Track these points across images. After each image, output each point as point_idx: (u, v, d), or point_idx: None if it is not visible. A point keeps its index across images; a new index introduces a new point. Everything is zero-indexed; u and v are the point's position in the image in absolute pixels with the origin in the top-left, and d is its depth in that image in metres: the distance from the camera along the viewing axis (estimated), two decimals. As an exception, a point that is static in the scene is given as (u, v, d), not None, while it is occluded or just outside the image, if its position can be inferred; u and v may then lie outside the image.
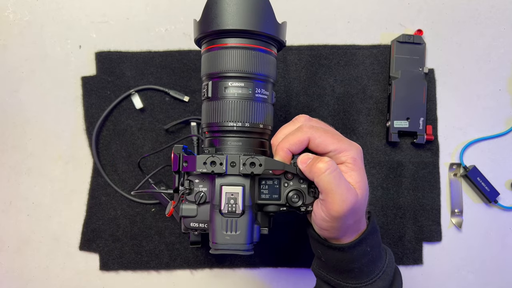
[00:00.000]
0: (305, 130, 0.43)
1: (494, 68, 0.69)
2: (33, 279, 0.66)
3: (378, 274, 0.46)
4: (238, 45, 0.45)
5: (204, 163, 0.42)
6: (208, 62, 0.46)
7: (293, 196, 0.44)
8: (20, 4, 0.68)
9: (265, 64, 0.46)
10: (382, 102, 0.68)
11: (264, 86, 0.46)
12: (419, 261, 0.67)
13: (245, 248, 0.43)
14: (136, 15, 0.68)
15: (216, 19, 0.44)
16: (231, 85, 0.45)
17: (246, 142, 0.45)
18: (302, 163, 0.43)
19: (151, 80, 0.67)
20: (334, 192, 0.40)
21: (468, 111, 0.69)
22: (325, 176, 0.40)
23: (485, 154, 0.68)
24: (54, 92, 0.67)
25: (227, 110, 0.45)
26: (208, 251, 0.65)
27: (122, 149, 0.66)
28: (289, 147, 0.43)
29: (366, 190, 0.43)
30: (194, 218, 0.44)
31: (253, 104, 0.45)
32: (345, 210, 0.40)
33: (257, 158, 0.42)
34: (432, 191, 0.67)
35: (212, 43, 0.46)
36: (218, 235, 0.43)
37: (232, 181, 0.43)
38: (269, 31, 0.45)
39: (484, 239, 0.68)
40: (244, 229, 0.43)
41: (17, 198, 0.66)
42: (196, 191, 0.44)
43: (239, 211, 0.43)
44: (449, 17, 0.69)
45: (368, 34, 0.68)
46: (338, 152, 0.42)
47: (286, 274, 0.67)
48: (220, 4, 0.44)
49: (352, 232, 0.45)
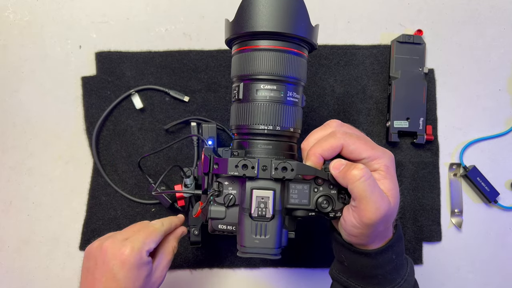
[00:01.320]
0: (339, 136, 0.42)
1: (494, 68, 0.69)
2: (33, 279, 0.66)
3: (400, 282, 0.46)
4: (270, 47, 0.44)
5: (236, 166, 0.42)
6: (240, 64, 0.45)
7: (322, 202, 0.44)
8: (20, 4, 0.68)
9: (297, 67, 0.45)
10: (382, 102, 0.68)
11: (295, 89, 0.46)
12: (419, 261, 0.67)
13: (274, 253, 0.43)
14: (136, 15, 0.68)
15: (250, 20, 0.43)
16: (263, 88, 0.44)
17: (276, 145, 0.45)
18: (335, 169, 0.42)
19: (151, 80, 0.67)
20: (368, 199, 0.40)
21: (468, 111, 0.69)
22: (360, 183, 0.40)
23: (485, 154, 0.68)
24: (54, 92, 0.67)
25: (258, 112, 0.44)
26: (208, 251, 0.65)
27: (122, 149, 0.66)
28: (321, 152, 0.42)
29: (397, 199, 0.43)
30: (222, 220, 0.44)
31: (284, 107, 0.45)
32: (378, 217, 0.40)
33: (289, 163, 0.42)
34: (432, 191, 0.67)
35: (244, 44, 0.45)
36: (247, 239, 0.43)
37: (263, 185, 0.43)
38: (302, 34, 0.44)
39: (484, 239, 0.68)
40: (273, 233, 0.43)
41: (17, 198, 0.66)
42: (226, 193, 0.44)
43: (269, 215, 0.43)
44: (449, 17, 0.69)
45: (368, 34, 0.68)
46: (371, 159, 0.42)
47: (286, 274, 0.67)
48: (255, 6, 0.43)
49: (380, 239, 0.44)
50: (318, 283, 0.67)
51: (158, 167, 0.66)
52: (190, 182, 0.59)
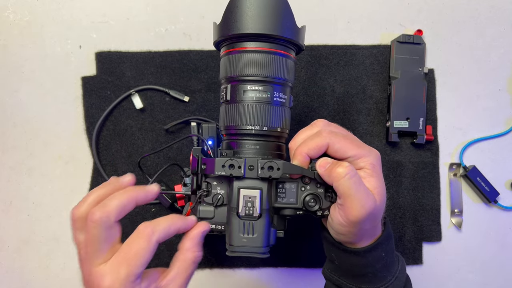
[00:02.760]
0: (325, 136, 0.43)
1: (494, 68, 0.69)
2: (33, 279, 0.66)
3: (391, 280, 0.46)
4: (257, 49, 0.45)
5: (223, 166, 0.43)
6: (227, 66, 0.46)
7: (310, 201, 0.44)
8: (20, 4, 0.68)
9: (284, 68, 0.46)
10: (382, 102, 0.68)
11: (282, 90, 0.46)
12: (419, 261, 0.67)
13: (262, 251, 0.43)
14: (136, 15, 0.68)
15: (236, 23, 0.44)
16: (250, 89, 0.45)
17: (263, 145, 0.46)
18: (321, 167, 0.43)
19: (151, 80, 0.67)
20: (353, 197, 0.40)
21: (468, 111, 0.69)
22: (345, 181, 0.40)
23: (485, 154, 0.68)
24: (54, 92, 0.67)
25: (246, 113, 0.45)
26: (208, 251, 0.65)
27: (122, 149, 0.66)
28: (307, 151, 0.43)
29: (384, 196, 0.43)
30: (211, 219, 0.45)
31: (271, 108, 0.45)
32: (363, 215, 0.41)
33: (275, 162, 0.42)
34: (432, 191, 0.67)
35: (231, 46, 0.46)
36: (235, 238, 0.43)
37: (250, 185, 0.43)
38: (289, 35, 0.45)
39: (484, 239, 0.68)
40: (261, 232, 0.43)
41: (17, 198, 0.66)
42: (214, 193, 0.45)
43: (256, 214, 0.43)
44: (449, 17, 0.69)
45: (368, 34, 0.68)
46: (357, 158, 0.42)
47: (286, 274, 0.67)
48: (241, 8, 0.44)
49: (368, 237, 0.45)
50: (318, 283, 0.67)
51: (158, 167, 0.66)
52: (190, 181, 0.59)
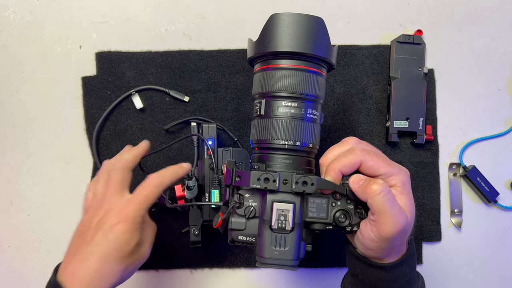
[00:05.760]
0: (358, 153, 0.43)
1: (494, 68, 0.69)
2: (33, 279, 0.66)
3: None
4: (292, 66, 0.46)
5: (258, 179, 0.43)
6: (262, 81, 0.47)
7: (340, 216, 0.45)
8: (20, 4, 0.68)
9: (316, 86, 0.47)
10: (381, 102, 0.68)
11: (314, 106, 0.47)
12: (418, 261, 0.67)
13: (292, 264, 0.44)
14: (136, 15, 0.68)
15: (273, 41, 0.45)
16: (284, 105, 0.46)
17: (295, 160, 0.46)
18: (355, 184, 0.43)
19: (151, 80, 0.67)
20: (387, 213, 0.41)
21: (468, 111, 0.69)
22: (380, 197, 0.41)
23: (485, 154, 0.68)
24: (54, 92, 0.67)
25: (279, 128, 0.46)
26: (208, 251, 0.65)
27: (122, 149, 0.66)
28: (340, 168, 0.43)
29: (413, 214, 0.44)
30: (243, 231, 0.45)
31: (304, 124, 0.46)
32: (396, 231, 0.41)
33: (310, 177, 0.43)
34: (431, 191, 0.67)
35: (267, 63, 0.47)
36: (267, 250, 0.44)
37: (284, 198, 0.44)
38: (322, 54, 0.46)
39: (484, 239, 0.68)
40: (292, 245, 0.44)
41: (18, 198, 0.66)
42: (246, 205, 0.45)
43: (288, 228, 0.44)
44: (449, 17, 0.69)
45: (368, 34, 0.69)
46: (388, 175, 0.43)
47: (286, 274, 0.67)
48: (278, 27, 0.45)
49: (396, 253, 0.45)
50: (318, 283, 0.67)
51: (158, 167, 0.66)
52: (193, 184, 0.58)
